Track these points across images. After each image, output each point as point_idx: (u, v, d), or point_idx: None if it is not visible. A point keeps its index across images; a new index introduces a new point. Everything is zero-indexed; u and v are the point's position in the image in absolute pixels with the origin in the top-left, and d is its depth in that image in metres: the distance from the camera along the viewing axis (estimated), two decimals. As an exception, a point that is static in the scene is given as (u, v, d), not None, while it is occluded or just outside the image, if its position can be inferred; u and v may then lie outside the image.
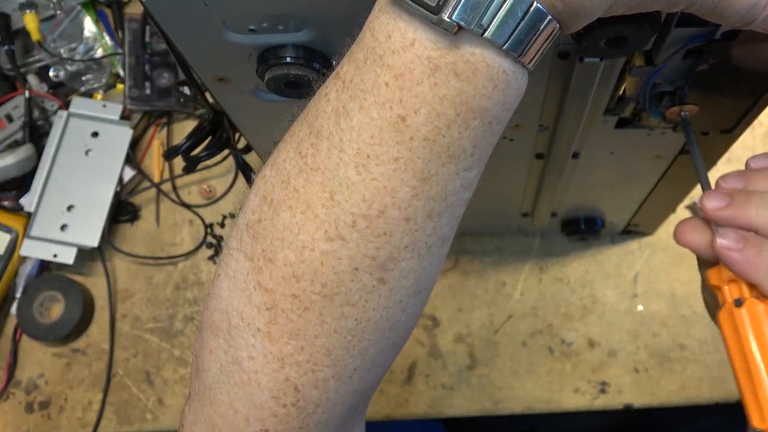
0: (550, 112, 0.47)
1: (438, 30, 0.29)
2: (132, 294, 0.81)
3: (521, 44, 0.29)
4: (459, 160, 0.31)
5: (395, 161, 0.31)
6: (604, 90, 0.43)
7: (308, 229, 0.32)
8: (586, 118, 0.46)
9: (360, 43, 0.31)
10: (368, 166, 0.31)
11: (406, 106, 0.30)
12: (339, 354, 0.34)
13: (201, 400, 0.37)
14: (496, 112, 0.31)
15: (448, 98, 0.30)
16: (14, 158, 0.78)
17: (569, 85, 0.42)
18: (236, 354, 0.35)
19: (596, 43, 0.36)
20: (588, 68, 0.40)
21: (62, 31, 0.86)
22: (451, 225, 0.34)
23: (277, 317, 0.33)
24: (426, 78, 0.29)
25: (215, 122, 0.62)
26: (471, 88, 0.30)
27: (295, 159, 0.33)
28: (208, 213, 0.83)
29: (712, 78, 0.41)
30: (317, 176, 0.32)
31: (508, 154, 0.53)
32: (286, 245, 0.32)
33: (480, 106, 0.30)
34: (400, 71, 0.30)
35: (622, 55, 0.38)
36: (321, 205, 0.32)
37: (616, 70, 0.41)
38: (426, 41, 0.29)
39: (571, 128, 0.47)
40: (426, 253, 0.34)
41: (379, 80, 0.30)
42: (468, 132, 0.31)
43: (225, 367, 0.36)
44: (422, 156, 0.31)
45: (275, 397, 0.35)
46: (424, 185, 0.31)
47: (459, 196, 0.33)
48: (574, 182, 0.59)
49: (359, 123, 0.30)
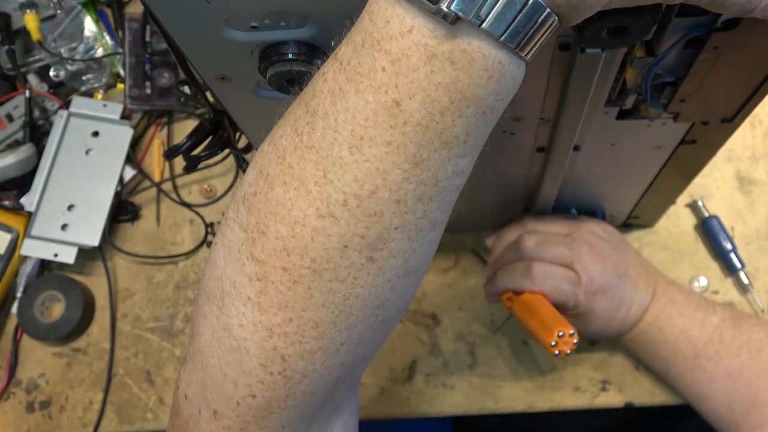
0: (552, 104, 0.47)
1: (436, 19, 0.29)
2: (133, 293, 0.81)
3: (518, 36, 0.30)
4: (451, 147, 0.32)
5: (388, 144, 0.31)
6: (605, 81, 0.43)
7: (300, 205, 0.33)
8: (588, 109, 0.46)
9: (358, 27, 0.31)
10: (361, 148, 0.32)
11: (401, 92, 0.30)
12: (326, 327, 0.35)
13: (194, 363, 0.39)
14: (490, 102, 0.32)
15: (443, 86, 0.30)
16: (15, 158, 0.78)
17: (571, 76, 0.42)
18: (227, 321, 0.36)
19: (598, 34, 0.36)
20: (589, 59, 0.40)
21: (62, 31, 0.86)
22: (443, 210, 0.35)
23: (267, 288, 0.35)
24: (422, 65, 0.30)
25: (216, 122, 0.62)
26: (466, 77, 0.30)
27: (291, 136, 0.34)
28: (208, 212, 0.83)
29: (713, 67, 0.41)
30: (312, 154, 0.33)
31: (509, 147, 0.53)
32: (278, 219, 0.34)
33: (474, 95, 0.31)
34: (396, 57, 0.30)
35: (623, 45, 0.38)
36: (314, 183, 0.33)
37: (617, 60, 0.41)
38: (424, 29, 0.29)
39: (572, 120, 0.47)
40: (416, 235, 0.34)
41: (376, 64, 0.31)
42: (461, 120, 0.31)
43: (216, 333, 0.37)
44: (415, 141, 0.31)
45: (263, 365, 0.36)
46: (415, 169, 0.32)
47: (450, 182, 0.34)
48: (574, 175, 0.59)
49: (354, 105, 0.31)
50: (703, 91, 0.44)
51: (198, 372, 0.39)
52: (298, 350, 0.36)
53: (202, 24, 0.38)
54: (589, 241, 0.65)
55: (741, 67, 0.41)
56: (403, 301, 0.38)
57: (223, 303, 0.37)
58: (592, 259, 0.64)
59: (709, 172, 0.76)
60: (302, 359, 0.36)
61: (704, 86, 0.43)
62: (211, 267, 0.38)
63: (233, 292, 0.36)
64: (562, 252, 0.64)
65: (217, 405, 0.39)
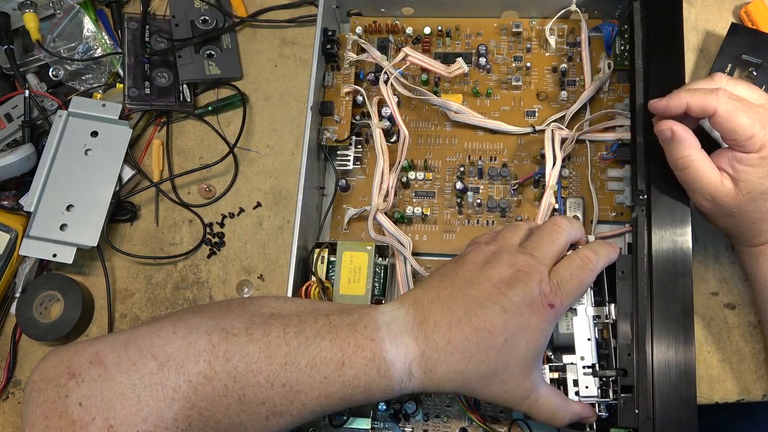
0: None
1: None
2: (131, 293, 0.81)
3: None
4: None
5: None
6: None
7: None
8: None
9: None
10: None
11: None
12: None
13: (104, 383, 0.53)
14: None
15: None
16: (14, 158, 0.78)
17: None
18: (163, 381, 0.54)
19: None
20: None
21: (62, 31, 0.86)
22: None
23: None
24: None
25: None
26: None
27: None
28: (207, 212, 0.83)
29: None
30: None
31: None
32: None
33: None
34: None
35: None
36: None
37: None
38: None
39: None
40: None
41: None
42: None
43: (146, 380, 0.54)
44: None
45: (175, 419, 0.54)
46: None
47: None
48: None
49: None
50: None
51: (106, 391, 0.52)
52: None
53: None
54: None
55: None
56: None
57: (163, 368, 0.53)
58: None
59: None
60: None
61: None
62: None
63: (175, 362, 0.54)
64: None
65: (117, 424, 0.51)
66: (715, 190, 0.59)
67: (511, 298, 0.56)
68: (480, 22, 0.81)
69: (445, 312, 0.56)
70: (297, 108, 0.84)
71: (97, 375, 0.53)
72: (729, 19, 0.80)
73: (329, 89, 0.79)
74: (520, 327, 0.56)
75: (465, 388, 0.56)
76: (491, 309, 0.56)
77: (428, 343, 0.55)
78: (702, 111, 0.58)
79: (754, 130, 0.57)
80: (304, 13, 0.87)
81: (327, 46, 0.77)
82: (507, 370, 0.56)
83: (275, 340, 0.55)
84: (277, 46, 0.87)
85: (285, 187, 0.82)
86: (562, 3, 0.77)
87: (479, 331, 0.55)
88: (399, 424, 0.69)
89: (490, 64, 0.79)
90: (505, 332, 0.55)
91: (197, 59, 0.85)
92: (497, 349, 0.55)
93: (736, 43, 0.75)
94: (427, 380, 0.56)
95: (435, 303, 0.57)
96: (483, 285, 0.57)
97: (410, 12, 0.81)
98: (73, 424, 0.52)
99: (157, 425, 0.52)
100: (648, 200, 0.63)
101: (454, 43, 0.81)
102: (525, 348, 0.56)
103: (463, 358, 0.55)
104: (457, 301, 0.57)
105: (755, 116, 0.57)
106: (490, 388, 0.56)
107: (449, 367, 0.55)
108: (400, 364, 0.55)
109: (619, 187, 0.73)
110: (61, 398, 0.53)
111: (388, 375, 0.55)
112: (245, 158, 0.84)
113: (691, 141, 0.59)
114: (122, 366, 0.53)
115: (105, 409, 0.52)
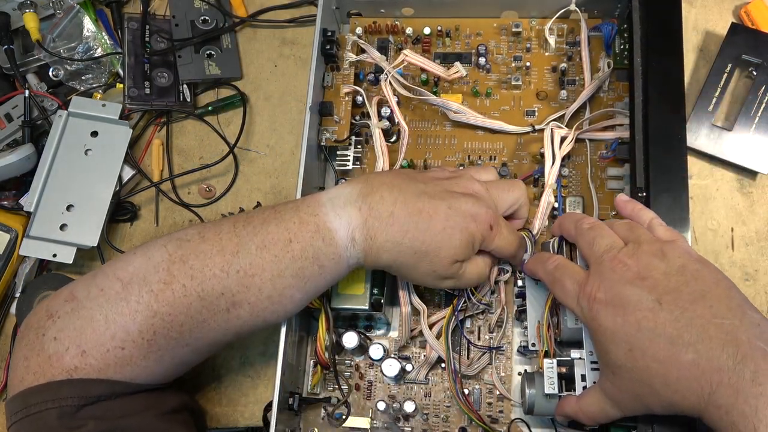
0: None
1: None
2: (131, 293, 0.81)
3: None
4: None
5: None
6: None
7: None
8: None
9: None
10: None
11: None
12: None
13: (74, 317, 0.57)
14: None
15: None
16: (14, 158, 0.78)
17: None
18: (128, 297, 0.58)
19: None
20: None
21: (62, 31, 0.86)
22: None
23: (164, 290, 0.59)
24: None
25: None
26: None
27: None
28: (207, 212, 0.83)
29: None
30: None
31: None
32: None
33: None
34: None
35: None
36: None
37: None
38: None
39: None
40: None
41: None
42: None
43: (112, 301, 0.57)
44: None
45: (140, 331, 0.57)
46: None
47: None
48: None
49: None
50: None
51: (77, 321, 0.56)
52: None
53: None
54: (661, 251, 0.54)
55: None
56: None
57: (127, 286, 0.57)
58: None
59: (710, 173, 0.76)
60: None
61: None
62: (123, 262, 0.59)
63: (137, 277, 0.57)
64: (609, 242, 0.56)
65: (89, 347, 0.55)
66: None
67: (459, 202, 0.61)
68: (480, 22, 0.81)
69: (394, 192, 0.60)
70: (297, 108, 0.84)
71: (70, 309, 0.57)
72: (729, 18, 0.80)
73: (329, 89, 0.79)
74: (460, 226, 0.60)
75: (398, 261, 0.60)
76: (438, 202, 0.60)
77: (371, 212, 0.59)
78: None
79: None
80: (304, 13, 0.87)
81: (326, 47, 0.77)
82: (438, 255, 0.60)
83: (226, 235, 0.59)
84: (277, 46, 0.88)
85: (285, 187, 0.82)
86: (562, 3, 0.77)
87: (421, 213, 0.59)
88: (399, 424, 0.69)
89: (489, 64, 0.79)
90: (444, 222, 0.59)
91: (197, 59, 0.85)
92: (434, 232, 0.59)
93: (736, 43, 0.75)
94: (368, 247, 0.59)
95: (385, 185, 0.61)
96: (436, 187, 0.62)
97: (410, 12, 0.81)
98: (50, 359, 0.55)
99: (124, 340, 0.56)
100: (647, 198, 0.63)
101: (454, 43, 0.81)
102: (459, 243, 0.60)
103: (401, 231, 0.59)
104: (407, 188, 0.60)
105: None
106: (420, 264, 0.61)
107: (387, 237, 0.59)
108: (344, 231, 0.59)
109: (619, 185, 0.73)
110: (38, 338, 0.57)
111: (333, 242, 0.59)
112: (245, 158, 0.84)
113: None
114: (91, 294, 0.58)
115: (76, 337, 0.56)
